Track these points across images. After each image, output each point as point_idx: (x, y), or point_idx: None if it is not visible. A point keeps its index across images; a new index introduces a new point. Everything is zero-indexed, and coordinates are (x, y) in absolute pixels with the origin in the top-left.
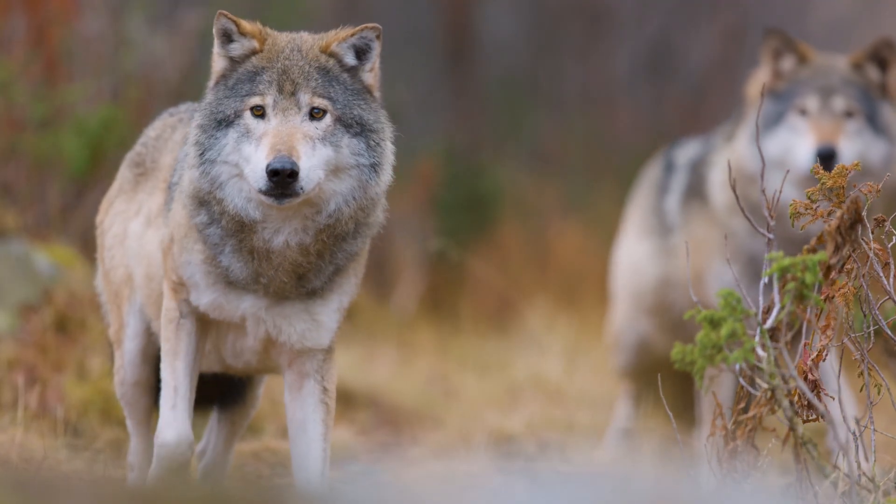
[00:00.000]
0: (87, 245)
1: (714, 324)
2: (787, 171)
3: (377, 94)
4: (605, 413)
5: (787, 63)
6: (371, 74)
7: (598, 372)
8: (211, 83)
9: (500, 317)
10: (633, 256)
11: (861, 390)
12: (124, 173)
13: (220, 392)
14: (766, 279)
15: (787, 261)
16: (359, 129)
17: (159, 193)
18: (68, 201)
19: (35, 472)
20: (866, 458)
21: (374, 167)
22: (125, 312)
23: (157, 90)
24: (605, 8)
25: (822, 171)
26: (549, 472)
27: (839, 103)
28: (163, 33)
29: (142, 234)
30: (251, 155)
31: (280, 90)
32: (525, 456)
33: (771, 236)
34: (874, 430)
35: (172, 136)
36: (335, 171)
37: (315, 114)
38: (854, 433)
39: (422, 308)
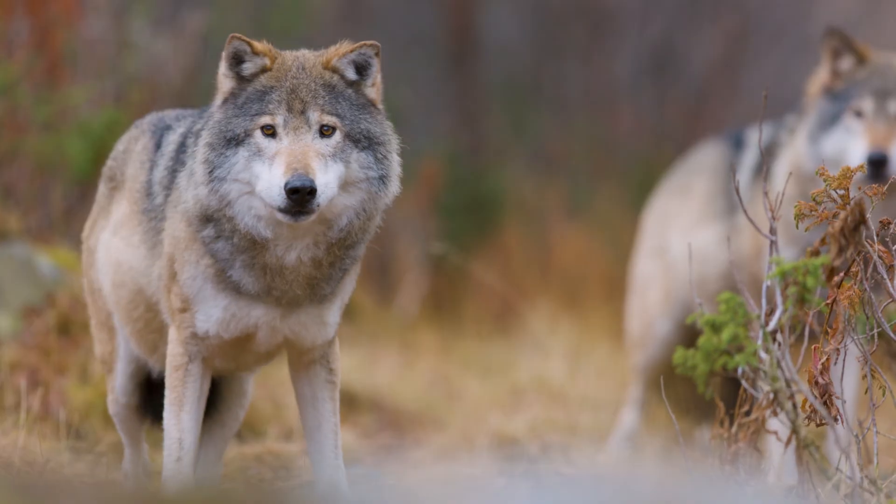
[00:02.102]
0: None
1: (716, 328)
2: (789, 174)
3: (381, 106)
4: (608, 415)
5: (846, 63)
6: (373, 89)
7: (601, 374)
8: (218, 101)
9: (503, 319)
10: (695, 243)
11: (865, 393)
12: (101, 189)
13: (210, 396)
14: (768, 282)
15: (788, 265)
16: (366, 143)
17: (125, 203)
18: (71, 204)
19: (37, 475)
20: (869, 461)
21: (383, 179)
22: (117, 336)
23: (160, 92)
24: (607, 11)
25: (826, 173)
26: (552, 474)
27: (894, 106)
28: (166, 35)
29: (108, 242)
30: (263, 173)
31: (290, 109)
32: (528, 458)
33: (774, 238)
34: (877, 432)
35: (135, 146)
36: (345, 185)
37: (325, 131)
38: (856, 436)
39: (424, 310)
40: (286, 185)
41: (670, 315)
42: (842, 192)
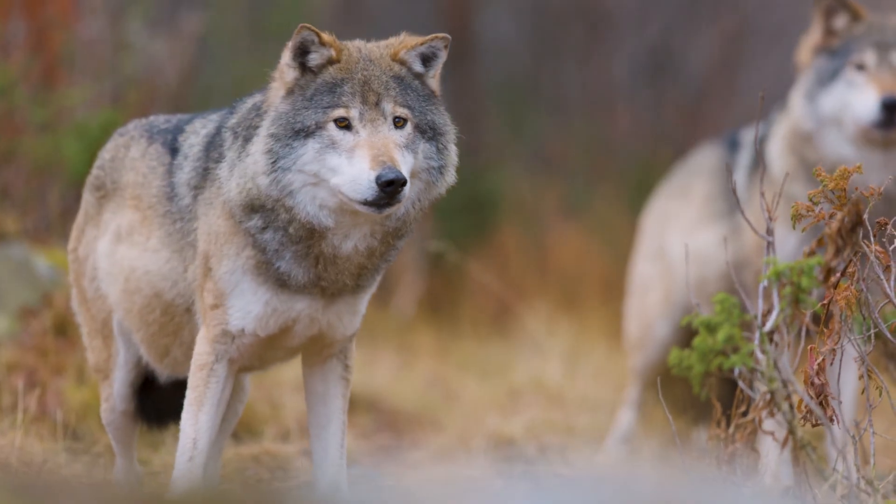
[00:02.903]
0: None
1: (711, 329)
2: (786, 174)
3: (440, 96)
4: (605, 416)
5: (840, 21)
6: (435, 80)
7: (599, 375)
8: (281, 93)
9: (500, 320)
10: (694, 244)
11: (862, 393)
12: (88, 199)
13: None
14: (764, 283)
15: (783, 265)
16: (431, 133)
17: (129, 211)
18: (68, 205)
19: (35, 475)
20: (866, 461)
21: (441, 169)
22: (113, 343)
23: (156, 94)
24: (605, 12)
25: (823, 174)
26: (550, 475)
27: None
28: (162, 37)
29: (112, 251)
30: (341, 166)
31: (364, 101)
32: (525, 459)
33: (770, 239)
34: (873, 433)
35: (128, 154)
36: (410, 176)
37: (397, 122)
38: (853, 437)
39: (422, 311)
40: (379, 177)
41: (669, 317)
42: (839, 192)
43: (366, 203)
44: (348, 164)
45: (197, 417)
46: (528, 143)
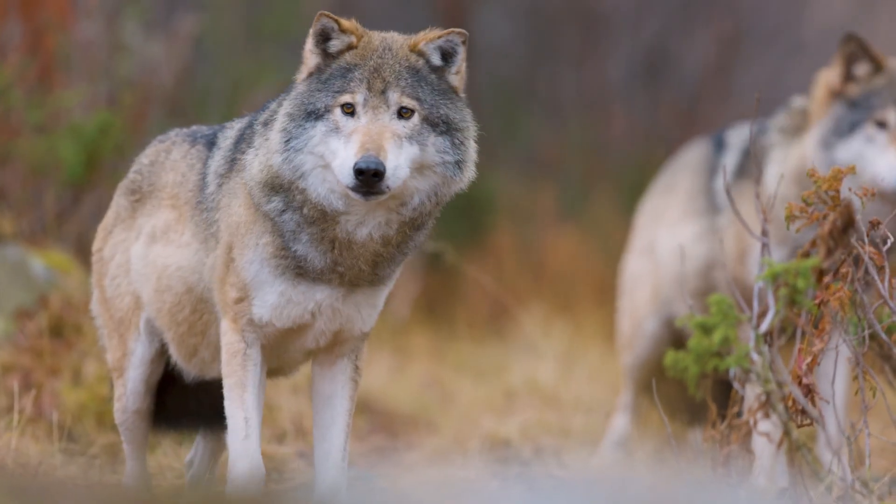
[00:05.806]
0: (83, 250)
1: (706, 330)
2: (781, 175)
3: (462, 94)
4: (600, 418)
5: (861, 69)
6: (457, 77)
7: (594, 377)
8: (302, 75)
9: (496, 322)
10: (677, 239)
11: (856, 394)
12: (120, 202)
13: (209, 412)
14: (760, 283)
15: (779, 266)
16: (444, 127)
17: (165, 210)
18: (64, 206)
19: (30, 477)
20: (861, 463)
21: (458, 164)
22: (130, 340)
23: (152, 95)
24: (600, 13)
25: (817, 175)
26: (545, 477)
27: None
28: (158, 39)
29: (146, 252)
30: (339, 150)
31: (370, 88)
32: (520, 461)
33: (765, 240)
34: (868, 434)
35: (168, 157)
36: (420, 168)
37: (403, 113)
38: (848, 438)
39: (417, 313)
40: (355, 164)
41: (657, 313)
42: (832, 193)
43: (350, 189)
44: (343, 148)
45: (243, 398)
46: (524, 145)
